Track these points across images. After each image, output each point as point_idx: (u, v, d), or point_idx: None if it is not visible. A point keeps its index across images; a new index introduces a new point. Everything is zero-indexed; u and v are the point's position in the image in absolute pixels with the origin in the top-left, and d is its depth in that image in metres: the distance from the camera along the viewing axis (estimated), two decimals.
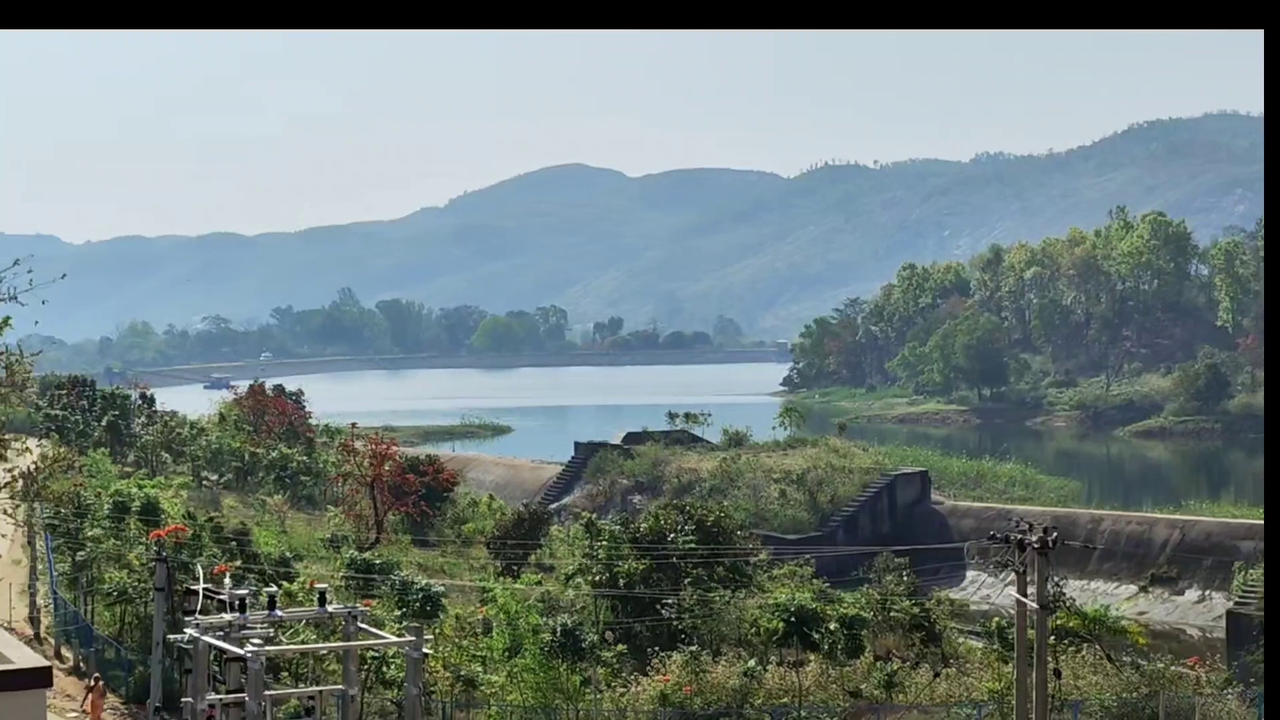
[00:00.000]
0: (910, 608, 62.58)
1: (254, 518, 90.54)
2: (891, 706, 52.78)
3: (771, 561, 79.74)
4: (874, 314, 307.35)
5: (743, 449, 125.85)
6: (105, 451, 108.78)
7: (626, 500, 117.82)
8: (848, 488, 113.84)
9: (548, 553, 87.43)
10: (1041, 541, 31.64)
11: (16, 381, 37.62)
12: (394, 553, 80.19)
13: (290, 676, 50.13)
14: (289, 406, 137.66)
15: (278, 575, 61.50)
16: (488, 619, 60.98)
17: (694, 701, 51.47)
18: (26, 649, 18.24)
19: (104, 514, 70.23)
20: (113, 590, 59.80)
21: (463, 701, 51.31)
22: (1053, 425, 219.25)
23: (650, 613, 63.33)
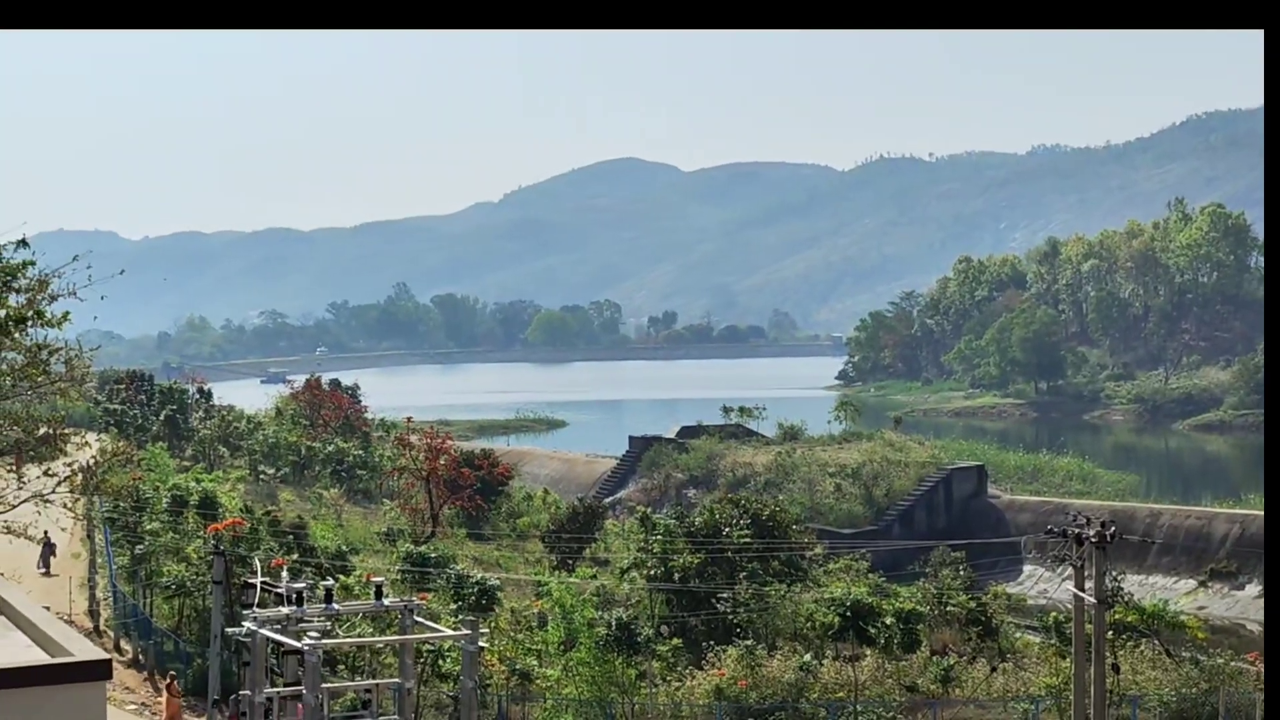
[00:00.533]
0: (967, 602, 62.34)
1: (310, 511, 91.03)
2: (948, 701, 52.55)
3: (827, 556, 79.62)
4: (929, 307, 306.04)
5: (798, 443, 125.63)
6: (163, 445, 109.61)
7: (681, 494, 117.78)
8: (903, 482, 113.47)
9: (602, 547, 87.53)
10: (1100, 535, 31.41)
11: (76, 376, 37.89)
12: (449, 546, 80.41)
13: (347, 670, 50.36)
14: (345, 401, 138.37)
15: (334, 569, 61.84)
16: (543, 613, 61.09)
17: (749, 696, 51.39)
18: (86, 641, 18.34)
19: (162, 508, 70.76)
20: (171, 583, 60.22)
21: (518, 695, 51.38)
22: (1110, 419, 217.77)
23: (705, 607, 63.27)
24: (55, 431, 39.54)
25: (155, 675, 56.06)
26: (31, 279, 34.78)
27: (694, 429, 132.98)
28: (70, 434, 42.47)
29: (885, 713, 51.55)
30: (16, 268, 34.45)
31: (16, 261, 34.63)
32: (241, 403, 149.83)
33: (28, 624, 19.59)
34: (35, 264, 34.67)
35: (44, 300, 34.88)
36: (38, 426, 39.65)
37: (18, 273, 34.44)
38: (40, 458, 39.81)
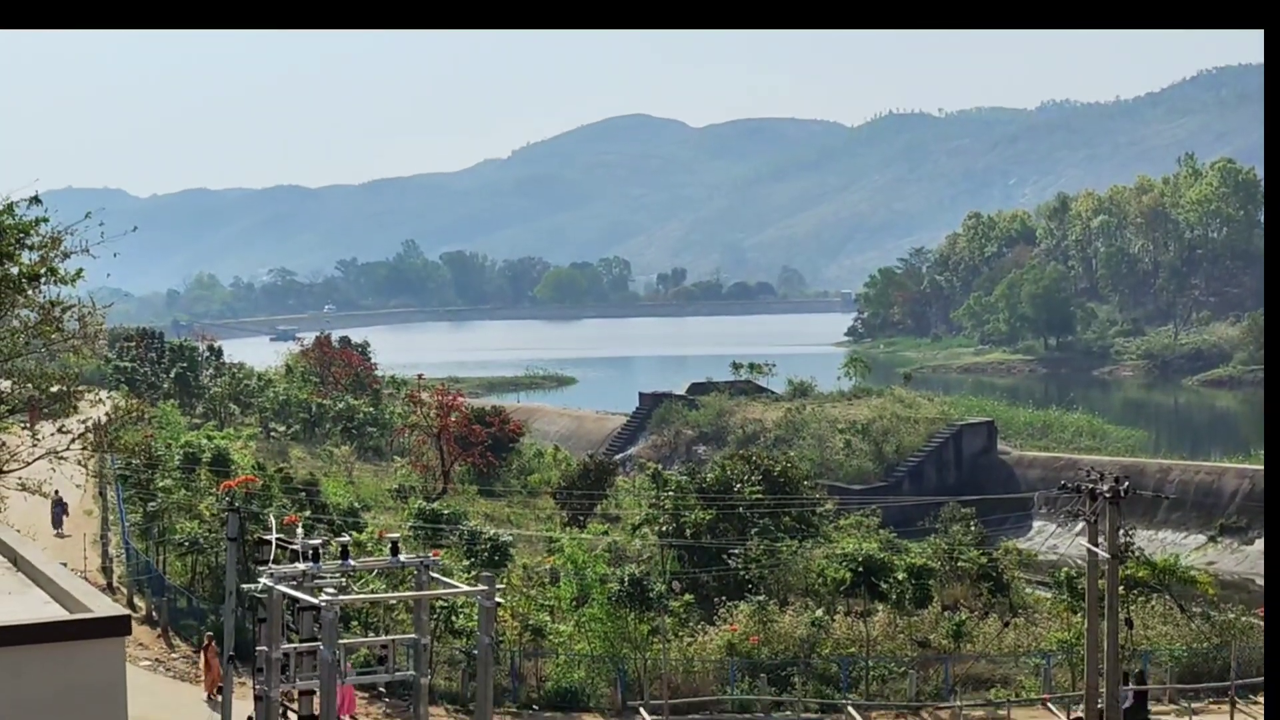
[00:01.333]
0: (978, 558, 62.46)
1: (321, 469, 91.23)
2: (959, 656, 52.73)
3: (837, 512, 79.72)
4: (939, 263, 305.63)
5: (807, 399, 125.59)
6: (174, 403, 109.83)
7: (691, 451, 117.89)
8: (913, 438, 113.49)
9: (613, 503, 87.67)
10: (1113, 491, 31.40)
11: (89, 333, 37.87)
12: (461, 503, 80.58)
13: (360, 626, 50.57)
14: (355, 358, 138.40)
15: (346, 525, 62.02)
16: (555, 569, 61.27)
17: (761, 651, 51.59)
18: (105, 598, 18.39)
19: (175, 465, 71.00)
20: (184, 540, 60.42)
21: (531, 650, 51.57)
22: (1120, 375, 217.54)
23: (717, 563, 63.45)
24: (69, 389, 39.58)
25: (169, 632, 56.29)
26: (44, 236, 34.77)
27: (704, 386, 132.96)
28: (84, 391, 42.51)
29: (897, 667, 51.73)
30: (29, 225, 34.42)
31: (29, 219, 34.62)
32: (251, 360, 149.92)
33: (46, 580, 19.64)
34: (48, 221, 34.66)
35: (57, 257, 34.87)
36: (51, 384, 39.68)
37: (30, 230, 34.42)
38: (54, 415, 39.85)
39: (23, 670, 16.05)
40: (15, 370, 39.69)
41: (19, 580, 20.58)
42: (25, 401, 40.50)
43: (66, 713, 16.22)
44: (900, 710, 49.01)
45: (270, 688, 22.49)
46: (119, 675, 16.86)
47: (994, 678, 52.08)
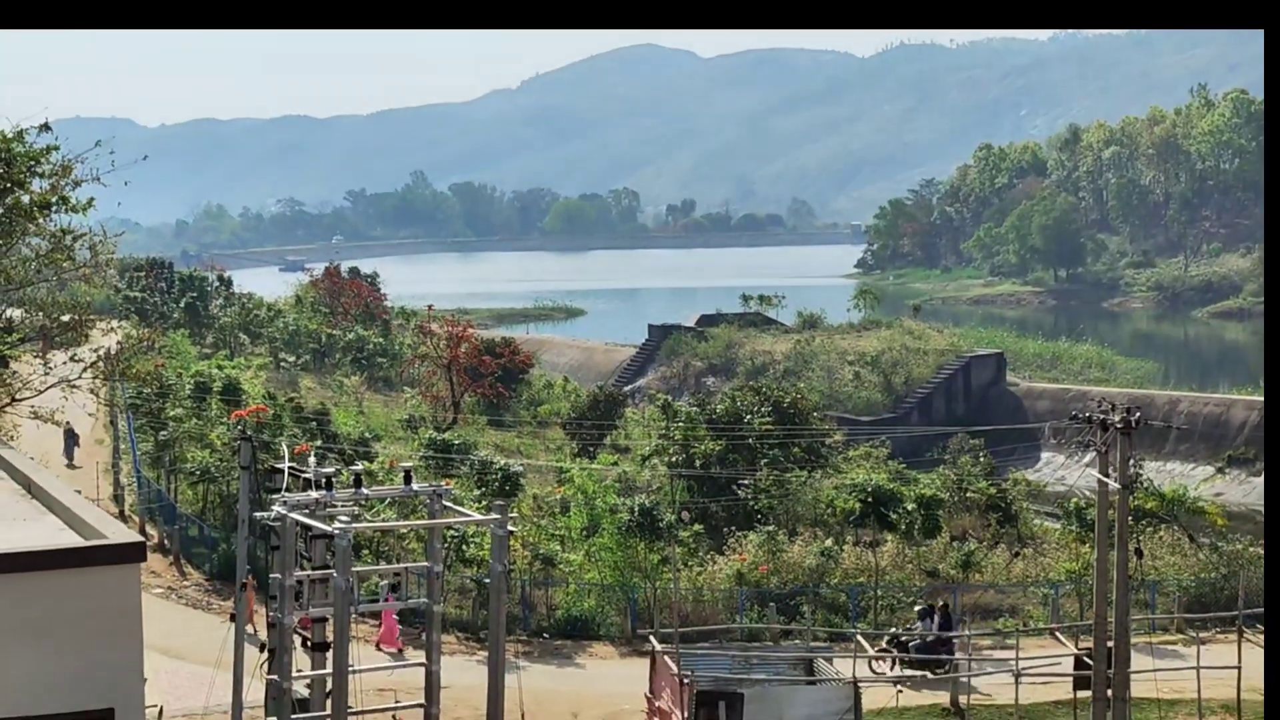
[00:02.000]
0: (986, 488, 62.64)
1: (332, 399, 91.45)
2: (968, 586, 52.95)
3: (846, 443, 79.87)
4: (949, 195, 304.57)
5: (817, 331, 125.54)
6: (184, 333, 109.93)
7: (700, 383, 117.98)
8: (922, 369, 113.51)
9: (623, 434, 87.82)
10: (1124, 422, 31.39)
11: (99, 263, 37.84)
12: (471, 434, 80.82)
13: (371, 554, 50.83)
14: (364, 289, 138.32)
15: (357, 455, 62.23)
16: (565, 499, 61.48)
17: (770, 580, 51.86)
18: (120, 525, 18.51)
19: (185, 394, 71.17)
20: (195, 469, 60.69)
21: (541, 579, 51.87)
22: (1129, 306, 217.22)
23: (726, 493, 63.65)
24: (81, 317, 39.60)
25: (181, 560, 56.65)
26: (54, 164, 34.69)
27: (713, 317, 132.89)
28: (95, 320, 42.55)
29: (906, 597, 51.96)
30: (40, 153, 34.34)
31: (40, 147, 34.53)
32: (261, 291, 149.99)
33: (60, 507, 19.76)
34: (58, 149, 34.59)
35: (68, 185, 34.81)
36: (62, 313, 39.71)
37: (41, 158, 34.35)
38: (66, 344, 39.89)
39: (39, 596, 16.17)
40: (26, 299, 39.71)
41: (33, 507, 20.70)
42: (37, 330, 40.55)
43: (83, 639, 16.34)
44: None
45: (284, 615, 22.62)
46: (134, 601, 16.98)
47: (1002, 607, 52.33)
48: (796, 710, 35.42)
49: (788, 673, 38.90)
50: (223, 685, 30.05)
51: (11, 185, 34.00)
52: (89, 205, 35.40)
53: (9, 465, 23.40)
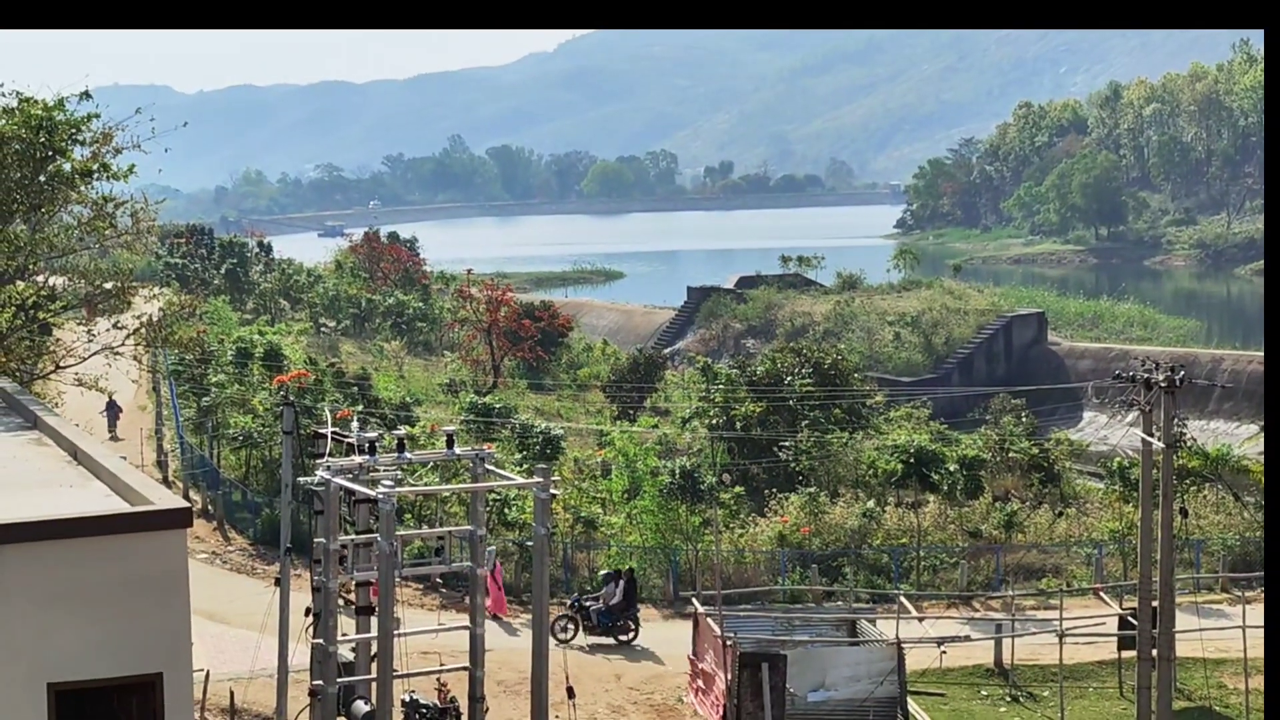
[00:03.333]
0: (1029, 448, 62.37)
1: (372, 363, 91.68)
2: (1011, 546, 52.82)
3: (887, 404, 79.68)
4: (989, 154, 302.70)
5: (856, 292, 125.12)
6: (225, 299, 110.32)
7: (739, 344, 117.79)
8: (963, 329, 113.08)
9: (663, 397, 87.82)
10: (1169, 380, 31.20)
11: (141, 230, 38.03)
12: (511, 397, 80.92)
13: (413, 518, 51.02)
14: (403, 253, 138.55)
15: (398, 420, 62.38)
16: (606, 462, 61.53)
17: (812, 542, 51.82)
18: (165, 490, 18.58)
19: (227, 360, 71.47)
20: (238, 435, 60.95)
21: (583, 542, 51.98)
22: (1171, 264, 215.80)
23: (767, 455, 63.59)
24: (123, 285, 39.80)
25: (225, 525, 56.94)
26: (95, 132, 34.82)
27: (752, 279, 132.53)
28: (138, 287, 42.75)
29: (948, 558, 51.89)
30: (80, 121, 34.48)
31: (80, 115, 34.66)
32: (300, 256, 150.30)
33: (106, 474, 19.84)
34: (99, 116, 34.69)
35: (108, 153, 34.95)
36: (105, 280, 39.93)
37: (82, 126, 34.47)
38: (108, 311, 40.12)
39: (86, 562, 16.25)
40: (69, 267, 39.93)
41: (79, 473, 20.80)
42: (82, 298, 40.77)
43: (130, 604, 16.42)
44: (952, 600, 49.21)
45: (328, 579, 22.71)
46: (181, 567, 17.05)
47: (1045, 567, 52.19)
48: (839, 672, 35.47)
49: (830, 634, 38.95)
50: (268, 649, 30.19)
51: (53, 153, 34.16)
52: (130, 172, 35.55)
53: (55, 432, 23.53)
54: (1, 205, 34.27)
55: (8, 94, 34.41)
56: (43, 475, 20.81)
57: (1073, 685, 40.17)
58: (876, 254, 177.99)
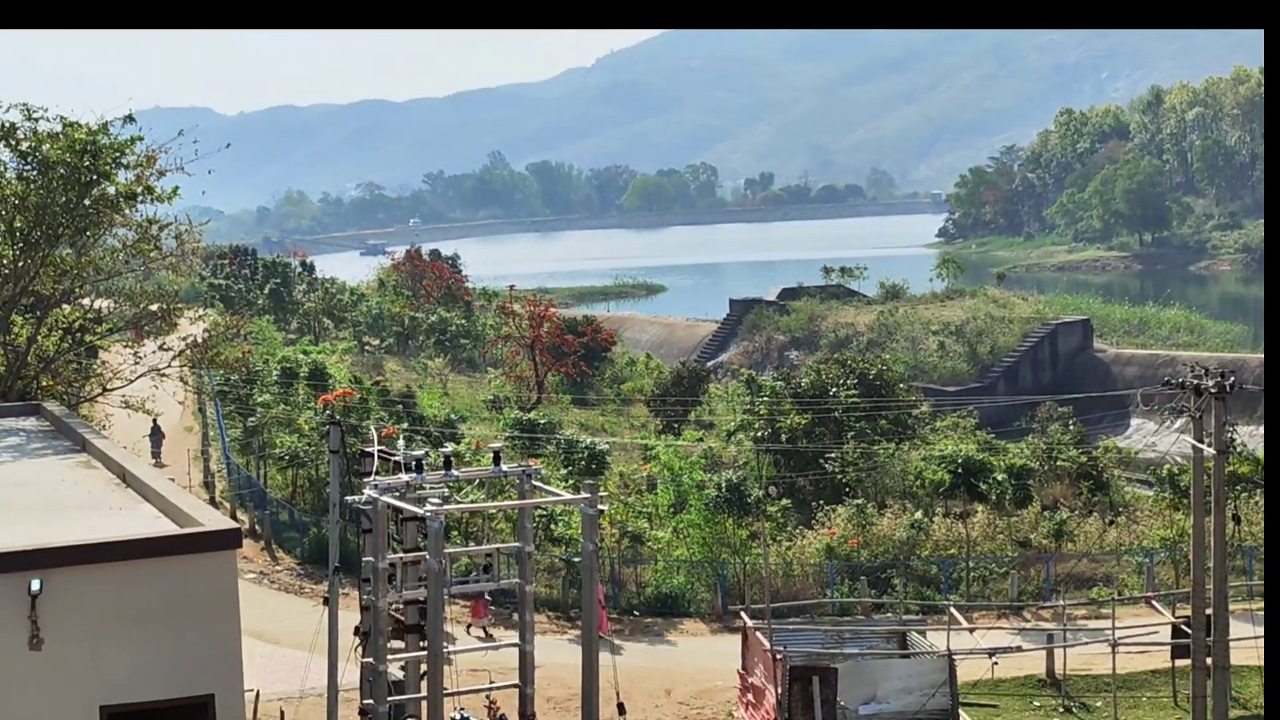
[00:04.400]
0: (1077, 456, 61.94)
1: (416, 381, 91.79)
2: (1061, 555, 52.44)
3: (933, 414, 79.25)
4: (1031, 161, 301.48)
5: (900, 301, 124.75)
6: (269, 319, 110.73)
7: (783, 356, 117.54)
8: (1008, 338, 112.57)
9: (707, 410, 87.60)
10: (1219, 386, 30.90)
11: (185, 251, 38.21)
12: (555, 413, 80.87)
13: (459, 535, 50.96)
14: (446, 270, 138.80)
15: (443, 437, 62.43)
16: (651, 476, 61.39)
17: (860, 554, 51.54)
18: (215, 512, 18.59)
19: (272, 380, 71.67)
20: (284, 454, 61.05)
21: (629, 557, 51.84)
22: (1217, 269, 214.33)
23: (813, 467, 63.32)
24: (169, 306, 39.97)
25: (272, 544, 57.05)
26: (139, 155, 34.99)
27: (794, 290, 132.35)
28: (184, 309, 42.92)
29: (998, 568, 51.54)
30: (124, 144, 34.65)
31: (124, 138, 34.83)
32: (343, 275, 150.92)
33: (155, 495, 19.86)
34: (142, 139, 34.85)
35: (152, 175, 35.11)
36: (150, 302, 40.10)
37: (126, 149, 34.64)
38: (154, 333, 40.28)
39: (137, 585, 16.25)
40: (115, 289, 40.12)
41: (128, 496, 20.84)
42: (129, 320, 40.95)
43: (181, 626, 16.41)
44: (1002, 610, 48.86)
45: (378, 597, 22.68)
46: (231, 587, 17.05)
47: (1096, 576, 51.77)
48: (891, 684, 35.21)
49: (881, 646, 38.69)
50: (318, 669, 30.17)
51: (97, 177, 34.33)
52: (173, 194, 35.72)
53: (103, 455, 23.59)
54: (48, 229, 34.46)
55: (52, 119, 34.60)
56: (92, 498, 20.86)
57: (1126, 695, 39.81)
58: (919, 263, 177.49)
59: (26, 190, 34.21)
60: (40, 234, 34.46)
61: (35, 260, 34.95)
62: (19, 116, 34.34)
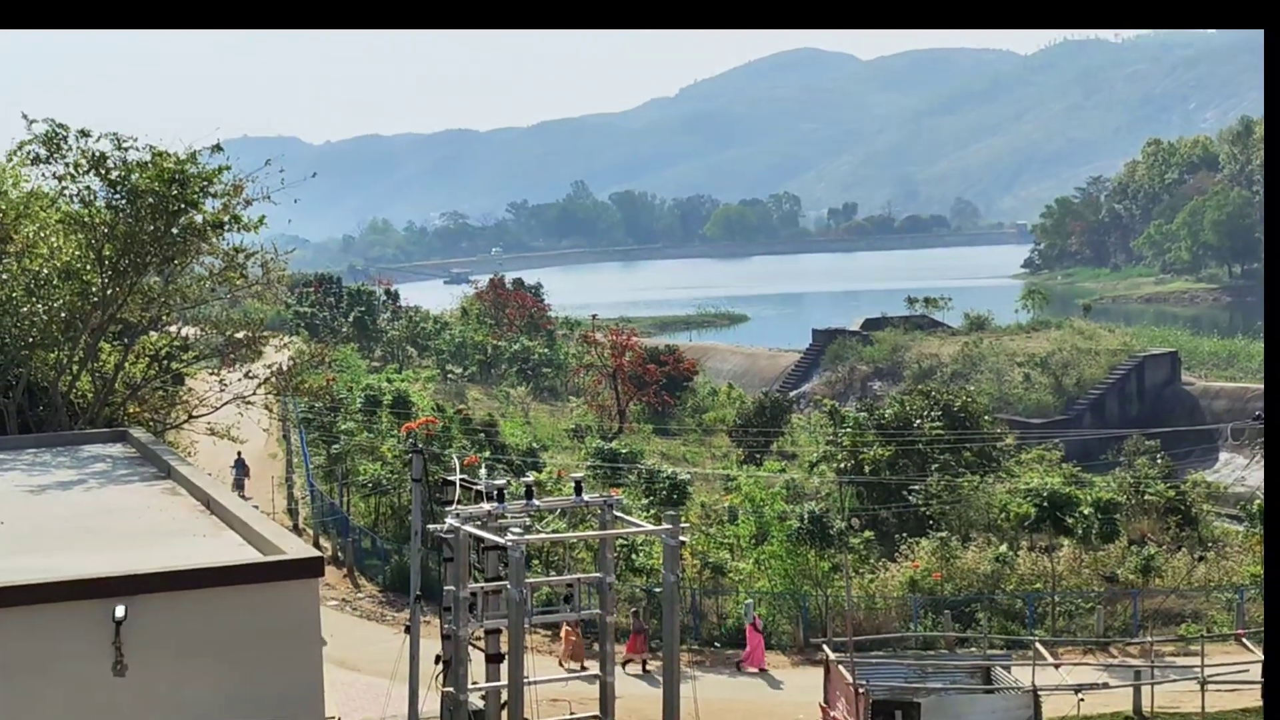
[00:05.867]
0: (1165, 491, 61.07)
1: (499, 409, 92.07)
2: (1149, 591, 51.70)
3: (1018, 446, 78.49)
4: (1118, 192, 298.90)
5: (984, 333, 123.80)
6: (354, 347, 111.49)
7: (866, 387, 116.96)
8: (1094, 370, 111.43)
9: (789, 440, 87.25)
10: None
11: (271, 280, 38.51)
12: (637, 442, 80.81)
13: (541, 565, 50.93)
14: (529, 299, 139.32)
15: (525, 465, 62.47)
16: (733, 507, 61.14)
17: (944, 587, 51.05)
18: (297, 539, 18.61)
19: (356, 408, 72.05)
20: (367, 482, 61.33)
21: (710, 588, 51.60)
22: None
23: (897, 499, 62.87)
24: (254, 334, 40.29)
25: (354, 572, 57.27)
26: (226, 184, 35.31)
27: (878, 321, 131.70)
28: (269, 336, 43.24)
29: (1084, 603, 50.90)
30: (212, 173, 34.97)
31: (212, 167, 35.16)
32: (427, 303, 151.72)
33: (238, 523, 19.92)
34: (230, 169, 35.17)
35: (239, 204, 35.42)
36: (236, 330, 40.44)
37: (214, 178, 34.96)
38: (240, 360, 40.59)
39: (220, 612, 16.27)
40: (201, 317, 40.49)
41: (213, 523, 20.91)
42: (215, 348, 41.31)
43: (263, 654, 16.42)
44: (1088, 646, 48.22)
45: (459, 626, 22.63)
46: (313, 615, 17.04)
47: (1185, 613, 51.00)
48: (975, 719, 34.80)
49: (965, 681, 38.24)
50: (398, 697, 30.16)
51: (185, 206, 34.65)
52: (260, 224, 36.00)
53: (188, 482, 23.71)
54: (136, 257, 34.80)
55: (141, 148, 34.98)
56: (176, 525, 20.96)
57: None
58: (1004, 294, 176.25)
59: (115, 219, 34.58)
60: (128, 262, 34.80)
61: (123, 288, 35.30)
62: (109, 146, 34.73)
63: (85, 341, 36.11)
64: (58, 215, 35.73)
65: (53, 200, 36.27)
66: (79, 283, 34.92)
